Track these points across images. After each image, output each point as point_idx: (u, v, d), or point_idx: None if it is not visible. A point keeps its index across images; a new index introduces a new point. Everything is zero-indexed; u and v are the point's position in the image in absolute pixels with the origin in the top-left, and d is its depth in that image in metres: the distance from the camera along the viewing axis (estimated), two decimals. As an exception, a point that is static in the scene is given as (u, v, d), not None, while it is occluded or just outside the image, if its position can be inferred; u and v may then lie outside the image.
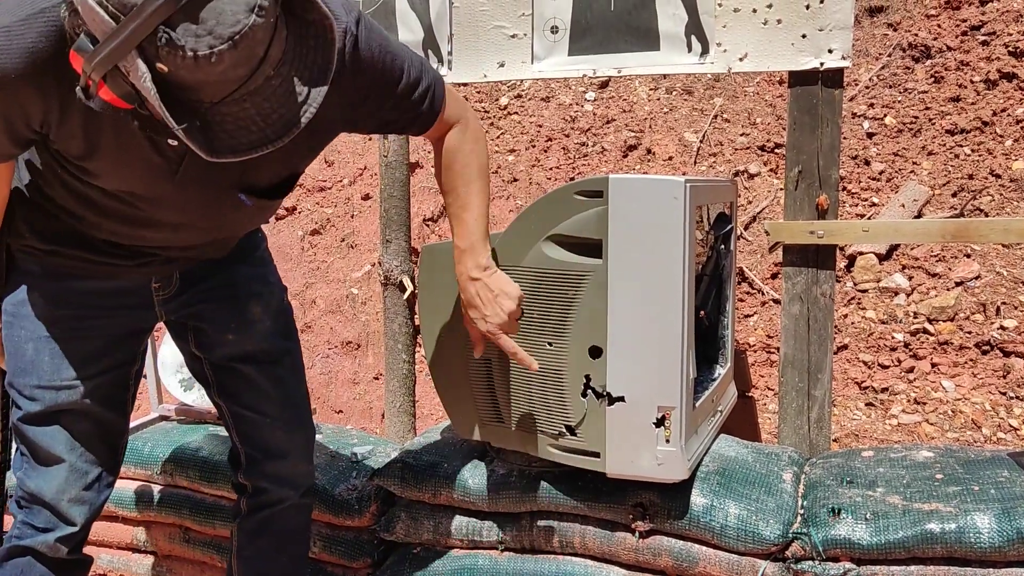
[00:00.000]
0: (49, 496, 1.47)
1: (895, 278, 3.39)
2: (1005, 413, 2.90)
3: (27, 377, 1.44)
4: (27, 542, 1.48)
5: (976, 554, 1.43)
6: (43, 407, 1.44)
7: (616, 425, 1.57)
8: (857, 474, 1.68)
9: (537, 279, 1.60)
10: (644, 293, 1.52)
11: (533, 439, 1.66)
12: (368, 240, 4.25)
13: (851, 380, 3.20)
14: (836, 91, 1.91)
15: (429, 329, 1.76)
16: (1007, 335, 3.08)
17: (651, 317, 1.52)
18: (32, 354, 1.44)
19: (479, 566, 1.74)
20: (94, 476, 1.50)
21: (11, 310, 1.45)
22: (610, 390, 1.56)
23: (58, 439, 1.46)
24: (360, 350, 3.97)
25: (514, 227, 1.63)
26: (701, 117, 4.25)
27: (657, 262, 1.51)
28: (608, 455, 1.59)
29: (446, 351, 1.73)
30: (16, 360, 1.45)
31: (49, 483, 1.46)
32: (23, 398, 1.45)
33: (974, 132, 3.68)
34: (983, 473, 1.60)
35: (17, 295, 1.44)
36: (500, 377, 1.67)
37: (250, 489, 1.65)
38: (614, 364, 1.55)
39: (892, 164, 3.74)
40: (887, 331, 3.26)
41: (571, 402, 1.60)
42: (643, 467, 1.57)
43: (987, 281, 3.24)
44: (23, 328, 1.44)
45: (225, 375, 1.61)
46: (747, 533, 1.54)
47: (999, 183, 3.51)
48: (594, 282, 1.55)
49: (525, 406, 1.66)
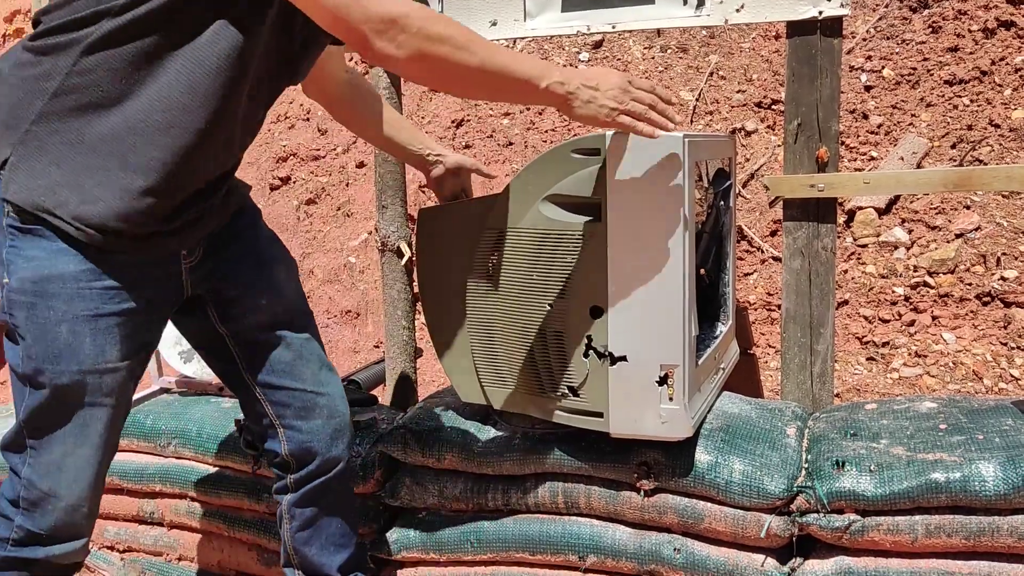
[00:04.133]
0: (72, 500, 1.36)
1: (895, 232, 3.37)
2: (1006, 363, 2.91)
3: (63, 363, 1.30)
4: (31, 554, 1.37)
5: (981, 502, 1.44)
6: (85, 395, 1.32)
7: (619, 385, 1.56)
8: (861, 427, 1.68)
9: (535, 241, 1.58)
10: (644, 251, 1.51)
11: (537, 401, 1.66)
12: (364, 208, 4.22)
13: (852, 335, 3.20)
14: (835, 40, 1.88)
15: (429, 294, 1.75)
16: (1008, 286, 3.07)
17: (652, 275, 1.51)
18: (68, 336, 1.30)
19: (485, 529, 1.74)
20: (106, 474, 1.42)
21: (32, 289, 1.29)
22: (612, 350, 1.55)
23: (91, 431, 1.35)
24: (360, 319, 3.96)
25: (512, 188, 1.60)
26: (697, 75, 4.20)
27: (656, 219, 1.49)
28: (611, 415, 1.58)
29: (447, 315, 1.72)
30: (45, 344, 1.30)
31: (72, 486, 1.35)
32: (53, 386, 1.31)
33: (973, 82, 3.64)
34: (987, 422, 1.60)
35: (39, 272, 1.29)
36: (502, 341, 1.67)
37: (295, 464, 1.62)
38: (615, 323, 1.54)
39: (890, 117, 3.71)
40: (887, 285, 3.25)
41: (573, 363, 1.59)
42: (647, 426, 1.57)
43: (987, 232, 3.23)
44: (51, 309, 1.29)
45: (254, 349, 1.56)
46: (752, 488, 1.54)
47: (998, 133, 3.48)
48: (593, 241, 1.54)
49: (528, 368, 1.65)
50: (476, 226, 1.66)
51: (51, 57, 1.29)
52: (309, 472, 1.63)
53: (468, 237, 1.67)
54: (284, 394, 1.58)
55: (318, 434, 1.61)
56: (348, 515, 1.71)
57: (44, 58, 1.30)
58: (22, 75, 1.32)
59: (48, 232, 1.29)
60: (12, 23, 4.71)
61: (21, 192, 1.28)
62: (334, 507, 1.68)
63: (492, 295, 1.66)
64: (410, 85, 4.37)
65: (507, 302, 1.65)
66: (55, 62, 1.29)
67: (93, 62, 1.27)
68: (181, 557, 2.11)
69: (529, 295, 1.60)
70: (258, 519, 1.97)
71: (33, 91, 1.30)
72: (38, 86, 1.30)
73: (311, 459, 1.62)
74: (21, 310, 1.30)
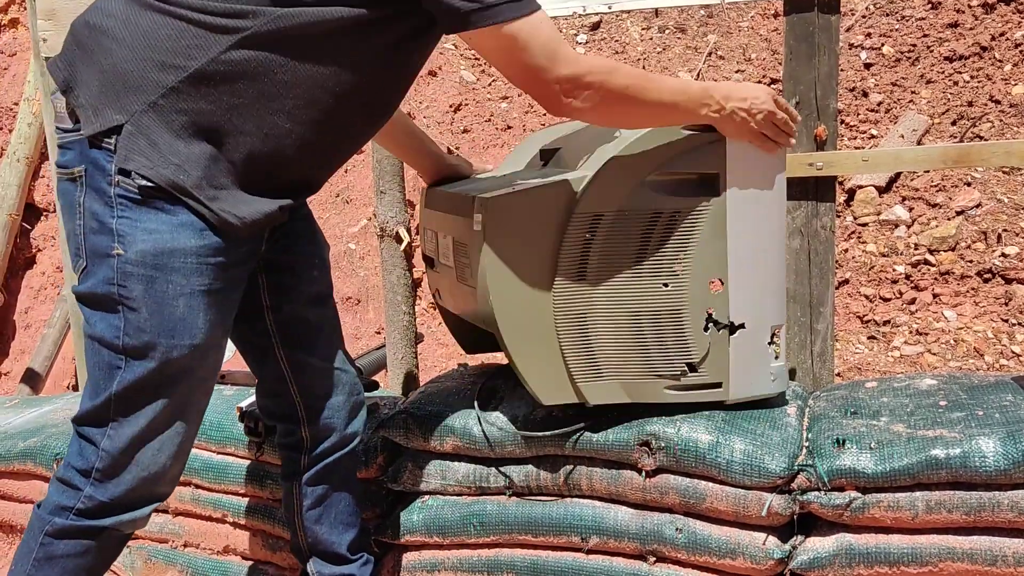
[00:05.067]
0: (155, 469, 1.37)
1: (895, 210, 3.36)
2: (1007, 340, 2.91)
3: (178, 336, 1.31)
4: (97, 523, 1.37)
5: (982, 478, 1.44)
6: (193, 368, 1.35)
7: (738, 352, 1.62)
8: (861, 405, 1.69)
9: (645, 221, 1.55)
10: (757, 219, 1.58)
11: (644, 386, 1.63)
12: (363, 195, 4.21)
13: (853, 314, 3.20)
14: (833, 17, 1.87)
15: (500, 289, 1.56)
16: (1008, 262, 3.07)
17: (764, 241, 1.61)
18: (184, 311, 1.31)
19: (487, 511, 1.75)
20: (194, 441, 1.45)
21: (152, 262, 1.28)
22: (733, 319, 1.60)
23: (191, 406, 1.39)
24: (360, 305, 3.97)
25: (606, 169, 1.54)
26: (695, 55, 4.18)
27: (766, 185, 1.58)
28: (731, 382, 1.64)
29: (527, 314, 1.58)
30: (160, 318, 1.30)
31: (156, 455, 1.36)
32: (165, 359, 1.32)
33: (973, 58, 3.62)
34: (987, 398, 1.60)
35: (160, 245, 1.29)
36: (600, 331, 1.60)
37: (309, 443, 1.64)
38: (735, 294, 1.59)
39: (890, 94, 3.69)
40: (888, 264, 3.25)
41: (693, 339, 1.60)
42: (760, 387, 1.65)
43: (988, 209, 3.22)
44: (170, 282, 1.29)
45: (295, 324, 1.57)
46: (753, 467, 1.55)
47: (999, 109, 3.46)
48: (712, 216, 1.56)
49: (635, 355, 1.61)
50: (561, 214, 1.55)
51: (205, 31, 1.27)
52: (325, 449, 1.65)
53: (552, 226, 1.55)
54: (313, 370, 1.60)
55: (339, 410, 1.64)
56: (356, 494, 1.74)
57: (194, 28, 1.27)
58: (159, 34, 1.28)
59: (169, 206, 1.29)
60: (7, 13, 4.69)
61: (147, 166, 1.27)
62: (344, 485, 1.70)
63: (586, 284, 1.57)
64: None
65: (608, 289, 1.58)
66: (211, 38, 1.27)
67: (253, 55, 1.28)
68: (186, 544, 2.12)
69: (637, 278, 1.56)
70: (262, 505, 1.98)
71: (169, 61, 1.27)
72: (176, 60, 1.27)
73: (329, 435, 1.64)
74: (139, 283, 1.29)
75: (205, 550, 2.10)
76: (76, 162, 1.32)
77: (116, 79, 1.28)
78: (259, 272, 1.53)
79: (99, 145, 1.29)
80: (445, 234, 1.73)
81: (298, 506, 1.69)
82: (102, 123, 1.28)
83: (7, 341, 4.21)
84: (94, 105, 1.29)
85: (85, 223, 1.31)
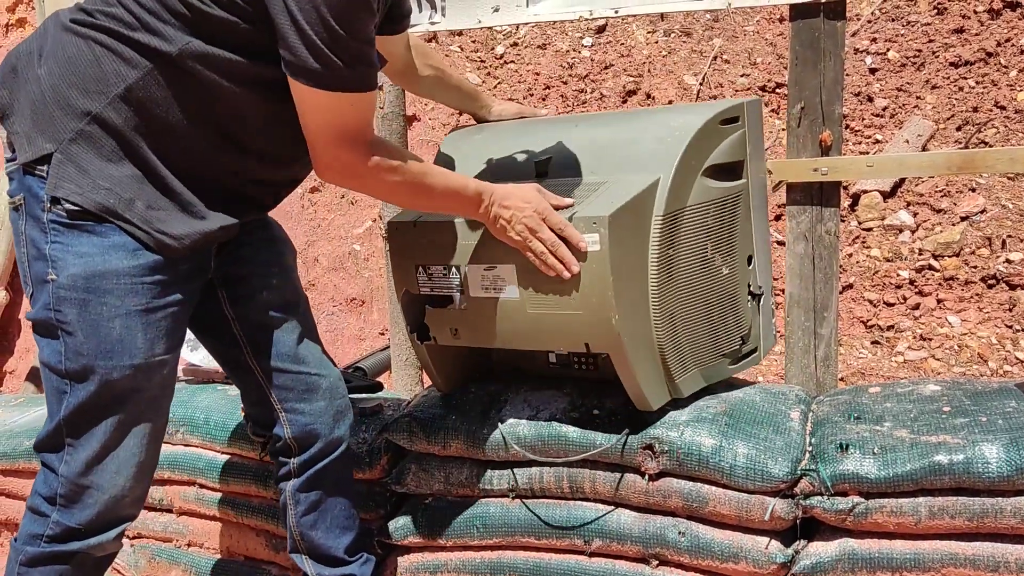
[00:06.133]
0: (115, 491, 1.38)
1: (900, 215, 3.36)
2: (1011, 346, 2.91)
3: (115, 358, 1.32)
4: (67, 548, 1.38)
5: (985, 484, 1.44)
6: (135, 388, 1.35)
7: (763, 316, 1.79)
8: (864, 410, 1.69)
9: (705, 213, 1.65)
10: (762, 195, 1.78)
11: (716, 368, 1.74)
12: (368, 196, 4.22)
13: (857, 319, 3.20)
14: (839, 23, 1.87)
15: (621, 304, 1.52)
16: (1013, 268, 3.07)
17: (764, 213, 1.79)
18: (121, 331, 1.31)
19: (490, 514, 1.75)
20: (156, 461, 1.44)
21: (83, 285, 1.30)
22: (754, 288, 1.76)
23: (143, 425, 1.38)
24: (365, 306, 3.97)
25: (676, 172, 1.59)
26: (700, 59, 4.19)
27: (762, 168, 1.79)
28: (762, 344, 1.80)
29: (637, 321, 1.57)
30: (97, 340, 1.31)
31: (115, 477, 1.37)
32: (105, 381, 1.32)
33: (978, 64, 3.62)
34: (991, 404, 1.60)
35: (91, 268, 1.30)
36: (687, 323, 1.65)
37: (296, 448, 1.63)
38: (759, 264, 1.77)
39: (895, 99, 3.69)
40: (892, 269, 3.25)
41: (743, 313, 1.74)
42: (770, 341, 1.84)
43: (993, 215, 3.22)
44: (104, 304, 1.30)
45: (260, 332, 1.57)
46: (756, 471, 1.55)
47: (1004, 115, 3.46)
48: (744, 198, 1.72)
49: (710, 339, 1.70)
50: (649, 218, 1.56)
51: (120, 59, 1.29)
52: (312, 455, 1.64)
53: (645, 231, 1.56)
54: (288, 377, 1.59)
55: (321, 416, 1.63)
56: (351, 497, 1.73)
57: (111, 55, 1.29)
58: (80, 61, 1.30)
59: (99, 228, 1.30)
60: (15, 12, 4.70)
61: (77, 192, 1.29)
62: (337, 489, 1.69)
63: (673, 283, 1.61)
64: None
65: (688, 283, 1.64)
66: (127, 66, 1.29)
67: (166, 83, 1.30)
68: (190, 543, 2.12)
69: (707, 266, 1.66)
70: (266, 505, 1.99)
71: (91, 88, 1.29)
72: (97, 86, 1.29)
73: (314, 441, 1.63)
74: (72, 307, 1.30)
75: (209, 549, 2.10)
76: (16, 191, 1.34)
77: (44, 107, 1.30)
78: (218, 286, 1.53)
79: (33, 172, 1.31)
80: (493, 265, 1.61)
81: (294, 511, 1.69)
82: (34, 152, 1.30)
83: (12, 339, 4.23)
84: (27, 133, 1.31)
85: (27, 250, 1.33)
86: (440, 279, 1.69)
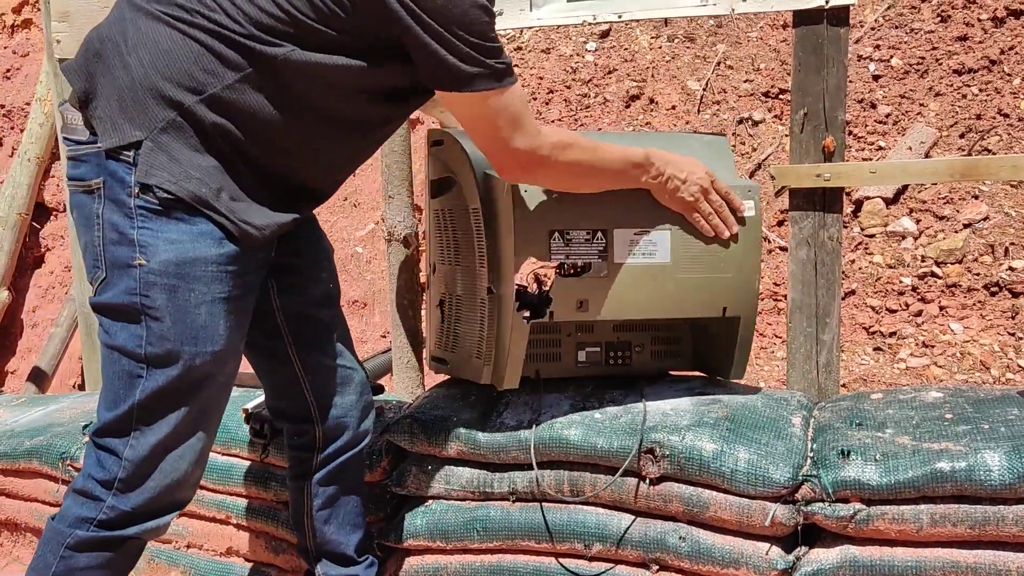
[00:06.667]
0: (177, 475, 1.38)
1: (902, 222, 3.36)
2: (1014, 354, 2.90)
3: (201, 344, 1.34)
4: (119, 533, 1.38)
5: (987, 491, 1.44)
6: (214, 375, 1.37)
7: None
8: (866, 416, 1.68)
9: None
10: None
11: None
12: (371, 198, 4.23)
13: (859, 325, 3.20)
14: (842, 29, 1.88)
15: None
16: (1016, 276, 3.06)
17: None
18: (206, 318, 1.33)
19: (491, 517, 1.75)
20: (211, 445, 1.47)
21: (174, 271, 1.31)
22: None
23: (212, 411, 1.42)
24: (367, 308, 3.97)
25: None
26: (704, 65, 4.19)
27: None
28: None
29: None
30: (183, 326, 1.32)
31: (178, 462, 1.38)
32: (188, 367, 1.34)
33: (982, 71, 3.62)
34: (993, 412, 1.60)
35: (182, 254, 1.31)
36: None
37: (322, 442, 1.65)
38: None
39: (899, 106, 3.69)
40: (895, 275, 3.25)
41: None
42: None
43: (995, 222, 3.22)
44: (193, 291, 1.32)
45: (305, 324, 1.60)
46: (757, 477, 1.55)
47: (1007, 122, 3.46)
48: None
49: None
50: None
51: (218, 61, 1.31)
52: (337, 448, 1.67)
53: None
54: (325, 370, 1.62)
55: (351, 409, 1.67)
56: (363, 495, 1.76)
57: (209, 55, 1.31)
58: (177, 55, 1.31)
59: (189, 216, 1.32)
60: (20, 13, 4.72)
61: (170, 180, 1.30)
62: (353, 486, 1.72)
63: None
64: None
65: None
66: (224, 67, 1.31)
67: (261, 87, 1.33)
68: (190, 544, 2.12)
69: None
70: (266, 507, 1.99)
71: (186, 83, 1.31)
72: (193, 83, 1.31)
73: (341, 434, 1.66)
74: (162, 292, 1.31)
75: (208, 551, 2.10)
76: (92, 174, 1.33)
77: (135, 95, 1.31)
78: (268, 276, 1.54)
79: (117, 157, 1.31)
80: (646, 229, 1.65)
81: (308, 506, 1.70)
82: (121, 137, 1.30)
83: (14, 339, 4.23)
84: (113, 119, 1.31)
85: (104, 234, 1.32)
86: (581, 244, 1.63)
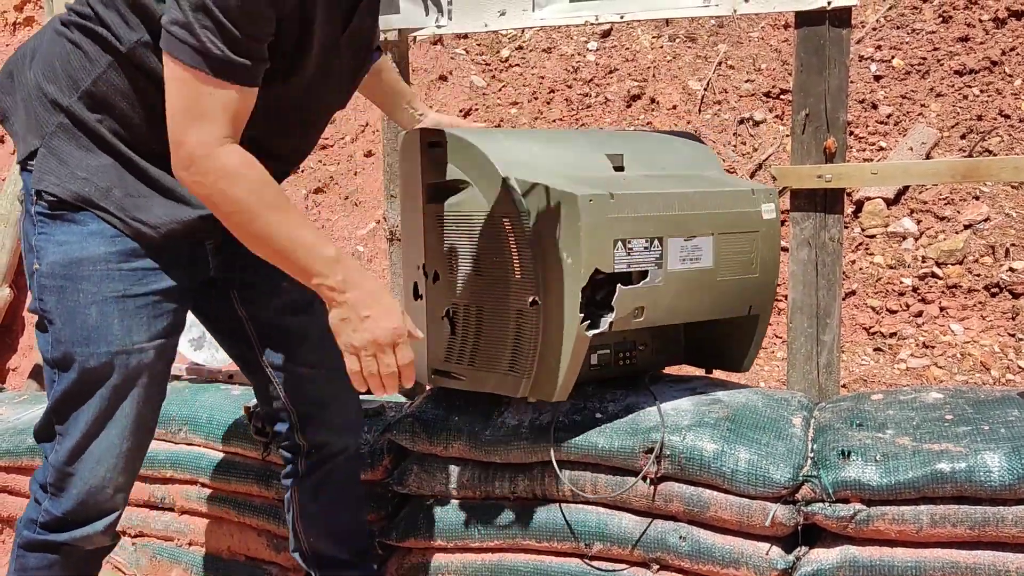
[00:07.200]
0: (94, 482, 1.37)
1: (903, 222, 3.36)
2: (1014, 355, 2.90)
3: (92, 344, 1.32)
4: (56, 537, 1.40)
5: (987, 492, 1.44)
6: (113, 376, 1.34)
7: None
8: (867, 417, 1.69)
9: None
10: None
11: None
12: (372, 197, 4.23)
13: (859, 326, 3.20)
14: (844, 31, 1.88)
15: None
16: (1016, 276, 3.06)
17: None
18: (97, 318, 1.31)
19: (492, 516, 1.76)
20: (143, 453, 1.44)
21: (62, 272, 1.31)
22: None
23: (118, 413, 1.37)
24: (367, 308, 3.96)
25: None
26: (705, 64, 4.19)
27: None
28: None
29: None
30: (74, 327, 1.31)
31: (95, 467, 1.37)
32: (82, 369, 1.32)
33: (983, 72, 3.62)
34: (993, 413, 1.61)
35: (69, 255, 1.31)
36: None
37: (306, 448, 1.63)
38: None
39: (900, 107, 3.69)
40: (895, 276, 3.25)
41: None
42: None
43: (996, 223, 3.22)
44: (81, 291, 1.31)
45: (274, 332, 1.56)
46: (758, 477, 1.55)
47: (1008, 124, 3.46)
48: None
49: None
50: None
51: (83, 54, 1.31)
52: (322, 456, 1.65)
53: None
54: (299, 378, 1.59)
55: (333, 417, 1.64)
56: (355, 499, 1.74)
57: (78, 51, 1.31)
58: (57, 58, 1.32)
59: (80, 216, 1.32)
60: (22, 11, 4.71)
61: (56, 183, 1.31)
62: (343, 491, 1.70)
63: None
64: (418, 74, 4.38)
65: None
66: (90, 60, 1.31)
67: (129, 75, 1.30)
68: (192, 542, 2.13)
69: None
70: (268, 505, 1.99)
71: (64, 83, 1.31)
72: (68, 81, 1.31)
73: (322, 442, 1.64)
74: (51, 294, 1.32)
75: (210, 549, 2.10)
76: (21, 190, 1.38)
77: (30, 105, 1.34)
78: (230, 287, 1.53)
79: (25, 168, 1.34)
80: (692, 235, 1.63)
81: (297, 511, 1.69)
82: (25, 148, 1.34)
83: (16, 337, 4.23)
84: (21, 133, 1.35)
85: (24, 245, 1.38)
86: (640, 253, 1.59)
